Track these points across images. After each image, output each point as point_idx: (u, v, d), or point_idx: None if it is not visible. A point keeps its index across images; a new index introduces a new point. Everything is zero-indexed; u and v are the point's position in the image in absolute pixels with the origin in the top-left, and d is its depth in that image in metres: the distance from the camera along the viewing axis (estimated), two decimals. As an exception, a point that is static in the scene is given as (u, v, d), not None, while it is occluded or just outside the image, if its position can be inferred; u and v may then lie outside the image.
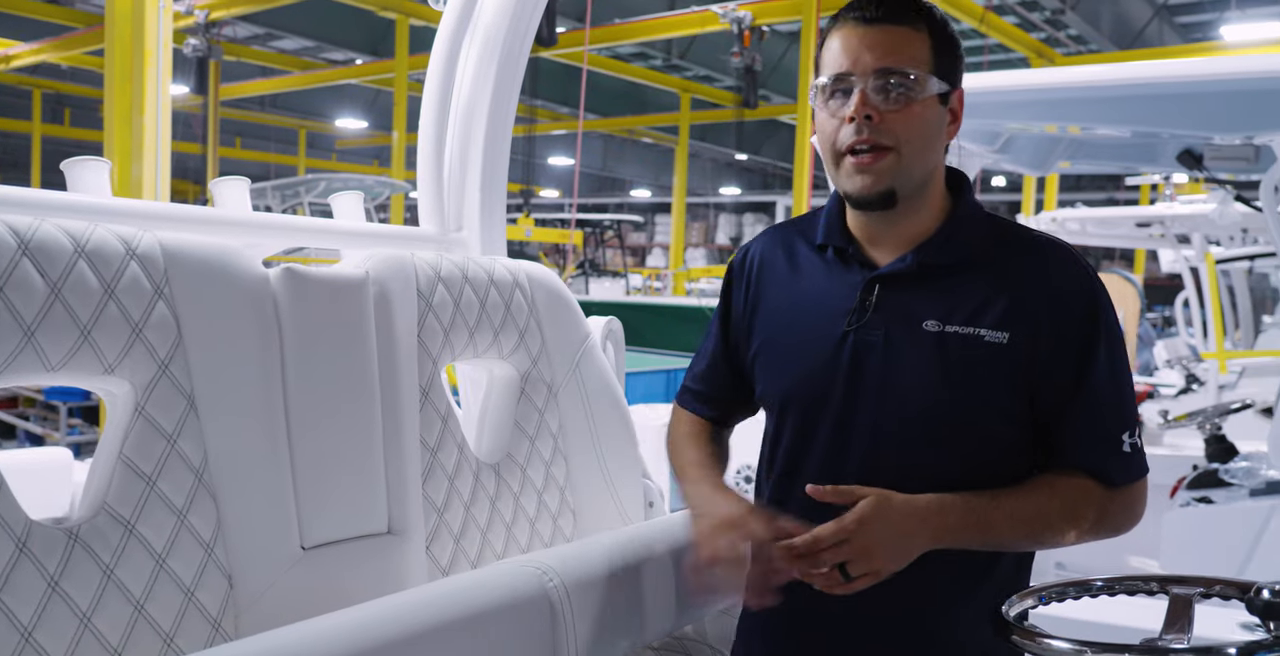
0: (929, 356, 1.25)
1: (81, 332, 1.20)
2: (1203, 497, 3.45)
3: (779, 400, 1.37)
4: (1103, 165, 4.50)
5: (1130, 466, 1.28)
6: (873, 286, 1.29)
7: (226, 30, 15.91)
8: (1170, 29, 17.01)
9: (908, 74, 1.22)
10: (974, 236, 1.29)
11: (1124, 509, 1.28)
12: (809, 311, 1.33)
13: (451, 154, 1.99)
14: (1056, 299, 1.25)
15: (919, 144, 1.24)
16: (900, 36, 1.23)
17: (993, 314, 1.24)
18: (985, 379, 1.24)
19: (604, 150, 28.50)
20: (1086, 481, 1.26)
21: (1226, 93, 3.05)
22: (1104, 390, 1.26)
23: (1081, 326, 1.25)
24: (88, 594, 1.17)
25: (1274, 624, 1.02)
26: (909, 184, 1.26)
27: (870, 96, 1.22)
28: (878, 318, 1.28)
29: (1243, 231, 6.51)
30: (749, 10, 12.33)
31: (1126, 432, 1.27)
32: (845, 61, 1.23)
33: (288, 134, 25.91)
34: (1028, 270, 1.26)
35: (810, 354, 1.32)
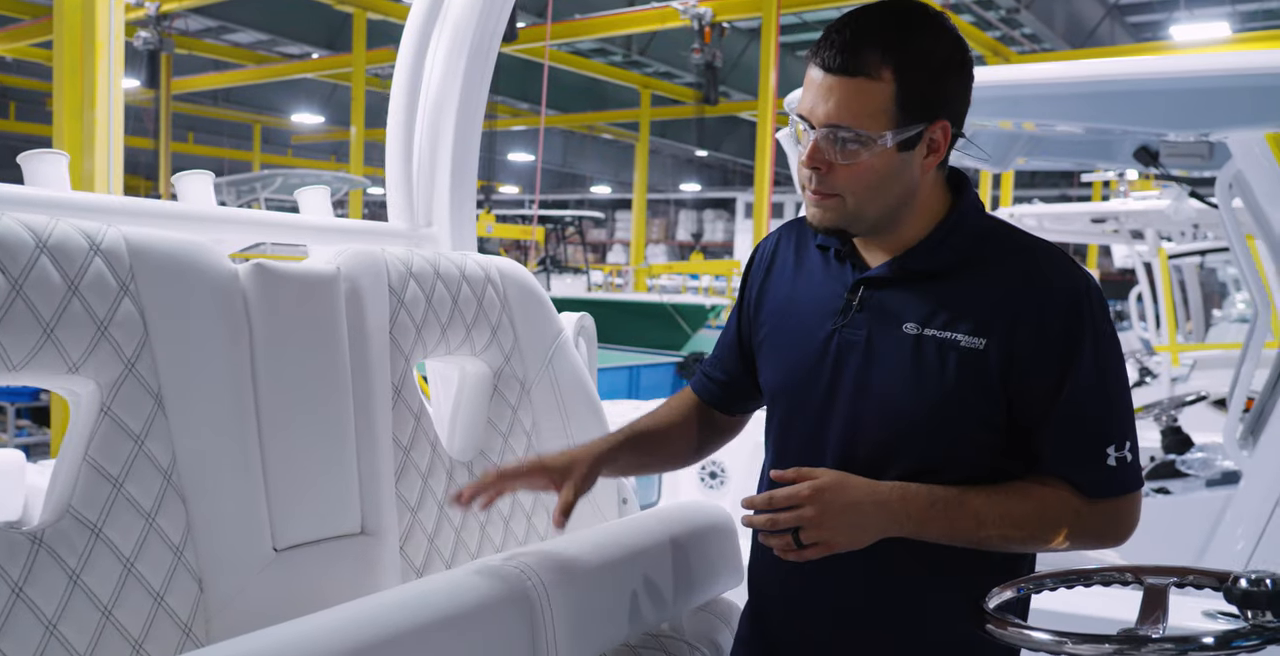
0: (906, 358, 1.26)
1: (44, 331, 1.17)
2: (1160, 488, 3.51)
3: (771, 390, 1.42)
4: (1060, 161, 4.56)
5: (1113, 480, 1.25)
6: (859, 288, 1.31)
7: (178, 23, 15.60)
8: (1121, 28, 17.33)
9: (854, 133, 1.19)
10: (964, 242, 1.29)
11: (1109, 521, 1.27)
12: (804, 307, 1.37)
13: (420, 148, 1.96)
14: (1039, 302, 1.23)
15: (866, 194, 1.24)
16: (856, 90, 1.18)
17: (972, 319, 1.24)
18: (960, 383, 1.24)
19: (564, 146, 28.41)
20: (1063, 490, 1.25)
21: (1182, 90, 3.10)
22: (1087, 397, 1.23)
23: (1064, 330, 1.23)
24: (53, 600, 1.13)
25: (1252, 612, 1.03)
26: (861, 224, 1.27)
27: (820, 147, 1.22)
28: (861, 318, 1.30)
29: (1194, 227, 6.65)
30: (709, 7, 12.35)
31: (1112, 446, 1.24)
32: (805, 104, 1.23)
33: (242, 129, 25.51)
34: (1014, 274, 1.25)
35: (800, 349, 1.35)
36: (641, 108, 19.73)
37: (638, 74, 19.63)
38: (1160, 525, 3.49)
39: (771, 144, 11.01)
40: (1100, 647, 1.08)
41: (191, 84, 19.28)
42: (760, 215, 11.24)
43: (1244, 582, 1.03)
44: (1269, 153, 2.99)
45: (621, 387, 8.95)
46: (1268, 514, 2.94)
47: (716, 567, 1.68)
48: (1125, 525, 1.28)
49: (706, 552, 1.66)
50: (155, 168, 16.24)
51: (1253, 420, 3.44)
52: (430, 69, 1.95)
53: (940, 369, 1.24)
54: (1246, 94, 3.02)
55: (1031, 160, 4.28)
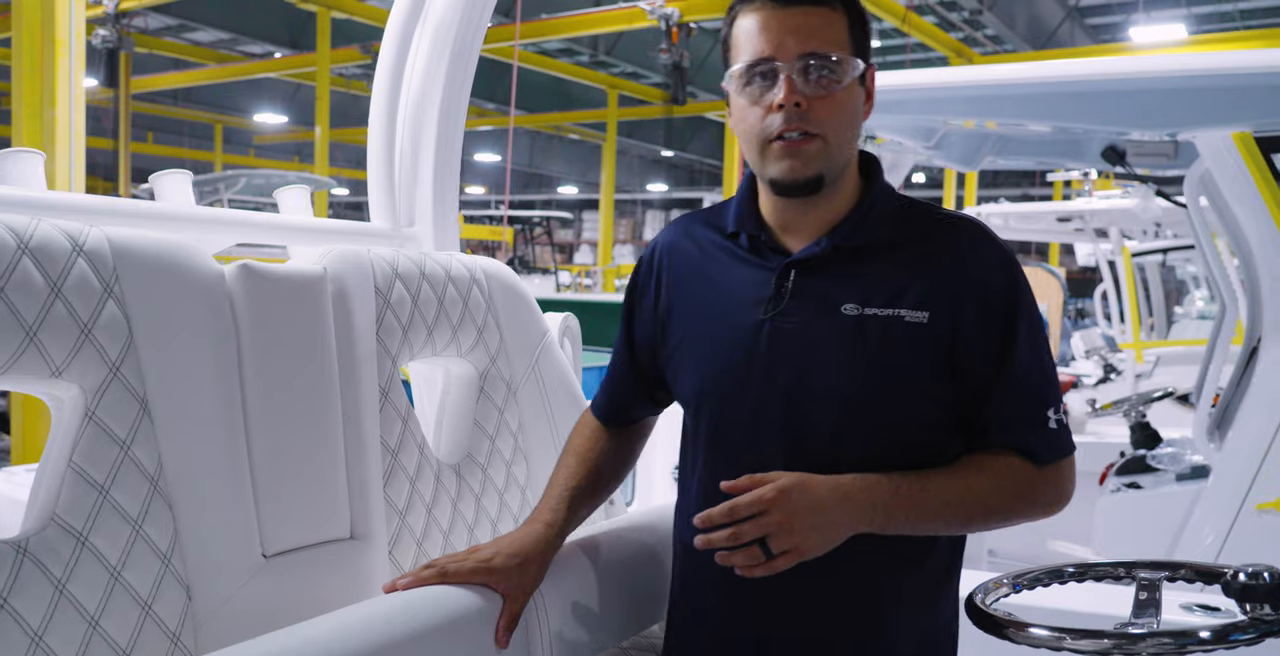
0: (850, 341, 1.21)
1: (27, 334, 1.13)
2: (1131, 483, 3.56)
3: (696, 395, 1.32)
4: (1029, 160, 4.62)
5: (1056, 443, 1.25)
6: (788, 272, 1.25)
7: (137, 21, 15.35)
8: (1081, 30, 17.61)
9: (832, 58, 1.18)
10: (887, 218, 1.27)
11: (1053, 487, 1.25)
12: (723, 303, 1.29)
13: (402, 147, 1.94)
14: (977, 277, 1.22)
15: (845, 131, 1.22)
16: (820, 18, 1.19)
17: (912, 294, 1.21)
18: (908, 360, 1.21)
19: (530, 147, 28.33)
20: (1013, 459, 1.23)
21: (1151, 91, 3.15)
22: (1027, 367, 1.23)
23: (1003, 304, 1.23)
24: (39, 611, 1.10)
25: (1250, 605, 1.04)
26: (834, 169, 1.23)
27: (797, 83, 1.18)
28: (795, 304, 1.24)
29: (1156, 226, 6.76)
30: (676, 7, 12.36)
31: (1051, 409, 1.24)
32: (766, 46, 1.19)
33: (203, 129, 25.16)
34: (944, 249, 1.24)
35: (727, 346, 1.27)
36: (608, 108, 19.72)
37: (604, 74, 19.62)
38: (1132, 519, 3.55)
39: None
40: (1099, 643, 1.09)
41: (151, 83, 18.98)
42: (729, 215, 11.26)
43: (1242, 576, 1.05)
44: (1236, 152, 3.04)
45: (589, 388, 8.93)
46: (1236, 507, 2.99)
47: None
48: (1067, 490, 1.27)
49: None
50: (114, 168, 15.98)
51: (1219, 415, 3.51)
52: (411, 68, 1.93)
53: (887, 347, 1.20)
54: (1213, 94, 3.08)
55: (999, 159, 4.34)
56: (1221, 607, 1.99)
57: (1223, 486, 3.04)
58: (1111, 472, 3.76)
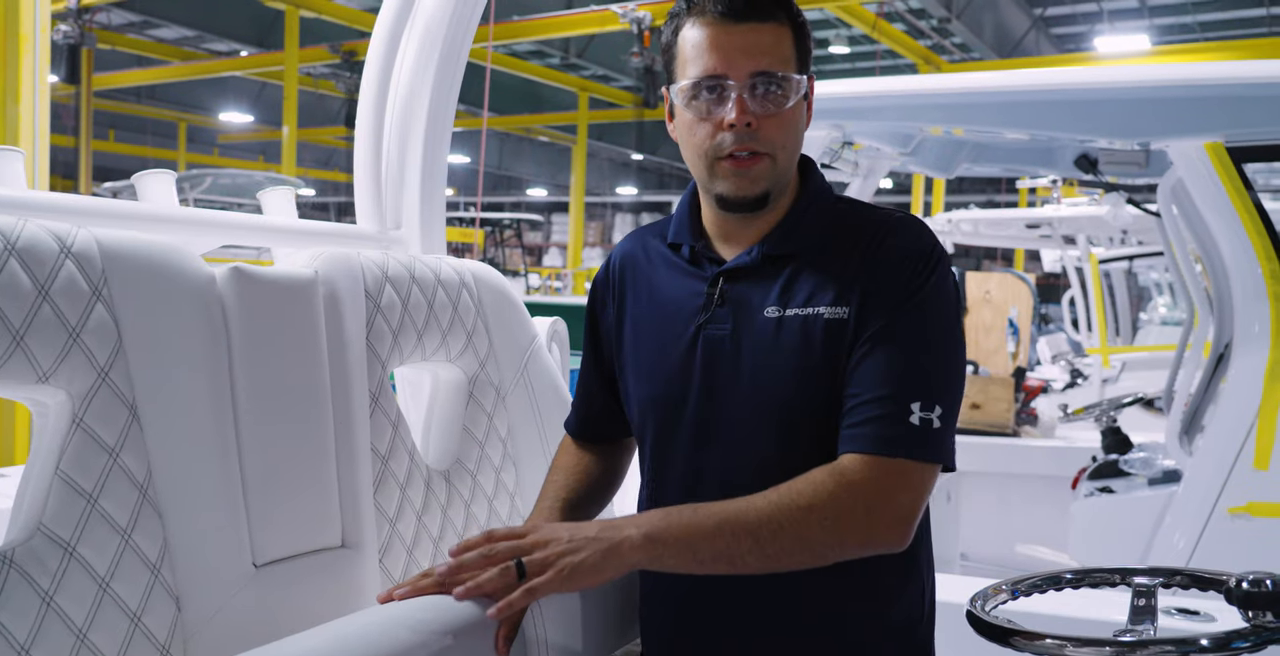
0: (771, 342, 1.21)
1: (14, 338, 1.10)
2: (1104, 487, 3.60)
3: (640, 406, 1.33)
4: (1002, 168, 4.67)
5: (908, 439, 1.12)
6: (718, 281, 1.26)
7: (100, 17, 15.11)
8: (1046, 39, 17.87)
9: (781, 77, 1.18)
10: (820, 222, 1.26)
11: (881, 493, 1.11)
12: (664, 313, 1.30)
13: (389, 150, 1.92)
14: (886, 266, 1.20)
15: (791, 147, 1.23)
16: (769, 35, 1.18)
17: (830, 292, 1.20)
18: (830, 358, 1.18)
19: (500, 148, 28.22)
20: (829, 465, 1.14)
21: (1124, 100, 3.20)
22: (904, 345, 1.15)
23: (898, 284, 1.18)
24: (25, 624, 1.07)
25: (1253, 613, 1.05)
26: (780, 185, 1.24)
27: (746, 103, 1.17)
28: (724, 312, 1.24)
29: (1123, 233, 6.86)
30: (649, 11, 12.37)
31: (918, 402, 1.13)
32: (717, 63, 1.18)
33: (166, 127, 24.80)
34: (866, 244, 1.22)
35: (667, 355, 1.28)
36: (579, 110, 19.70)
37: (575, 77, 19.59)
38: (1105, 524, 3.59)
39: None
40: (1101, 650, 1.09)
41: (114, 80, 18.68)
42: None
43: (1245, 584, 1.05)
44: (1208, 161, 3.09)
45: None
46: (1208, 511, 3.04)
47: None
48: (897, 505, 1.12)
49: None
50: (75, 167, 15.70)
51: (1187, 420, 3.56)
52: (399, 69, 1.91)
53: (806, 344, 1.19)
54: (1185, 104, 3.13)
55: (974, 166, 4.39)
56: (1201, 611, 2.02)
57: (1194, 490, 3.09)
58: (1084, 477, 3.80)
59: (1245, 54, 11.80)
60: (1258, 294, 3.02)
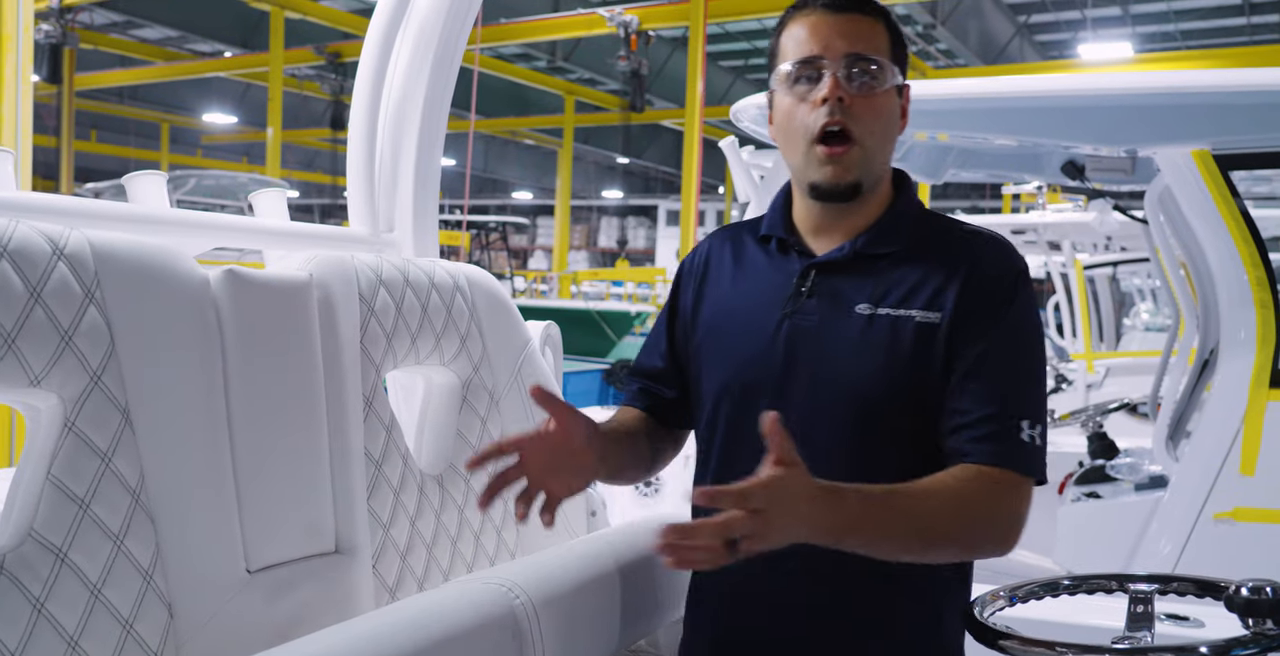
0: (860, 339, 1.26)
1: (5, 341, 1.08)
2: (1091, 493, 3.62)
3: (715, 390, 1.37)
4: (989, 174, 4.69)
5: (1022, 455, 1.20)
6: (809, 273, 1.32)
7: (83, 16, 14.98)
8: (1030, 46, 18.00)
9: (875, 62, 1.26)
10: (910, 227, 1.33)
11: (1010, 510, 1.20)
12: (749, 302, 1.35)
13: (382, 152, 1.90)
14: (980, 282, 1.26)
15: (881, 136, 1.29)
16: (866, 26, 1.28)
17: (924, 296, 1.26)
18: (917, 360, 1.24)
19: (485, 151, 28.16)
20: (972, 469, 1.20)
21: (1113, 108, 3.22)
22: (1001, 367, 1.22)
23: (996, 305, 1.25)
24: (16, 631, 1.05)
25: (1253, 620, 1.05)
26: (871, 177, 1.30)
27: (841, 81, 1.25)
28: (812, 303, 1.30)
29: (1108, 239, 6.91)
30: (635, 14, 12.38)
31: (1026, 421, 1.21)
32: (815, 46, 1.27)
33: (149, 128, 24.61)
34: (959, 257, 1.28)
35: (748, 342, 1.33)
36: (565, 114, 19.68)
37: (562, 80, 19.58)
38: (1091, 529, 3.61)
39: (699, 151, 11.07)
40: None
41: (96, 80, 18.52)
42: (687, 222, 11.30)
43: (1245, 591, 1.06)
44: (1195, 169, 3.11)
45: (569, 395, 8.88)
46: (1194, 517, 3.06)
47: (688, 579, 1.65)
48: (1021, 519, 1.20)
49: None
50: (56, 167, 15.56)
51: (1173, 426, 3.58)
52: (393, 71, 1.89)
53: (895, 345, 1.24)
54: (1173, 112, 3.15)
55: (961, 172, 4.41)
56: (1191, 617, 2.03)
57: (1180, 496, 3.11)
58: (1071, 482, 3.82)
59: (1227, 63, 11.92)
60: (1243, 300, 3.04)
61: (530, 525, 1.78)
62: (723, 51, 18.89)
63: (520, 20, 14.21)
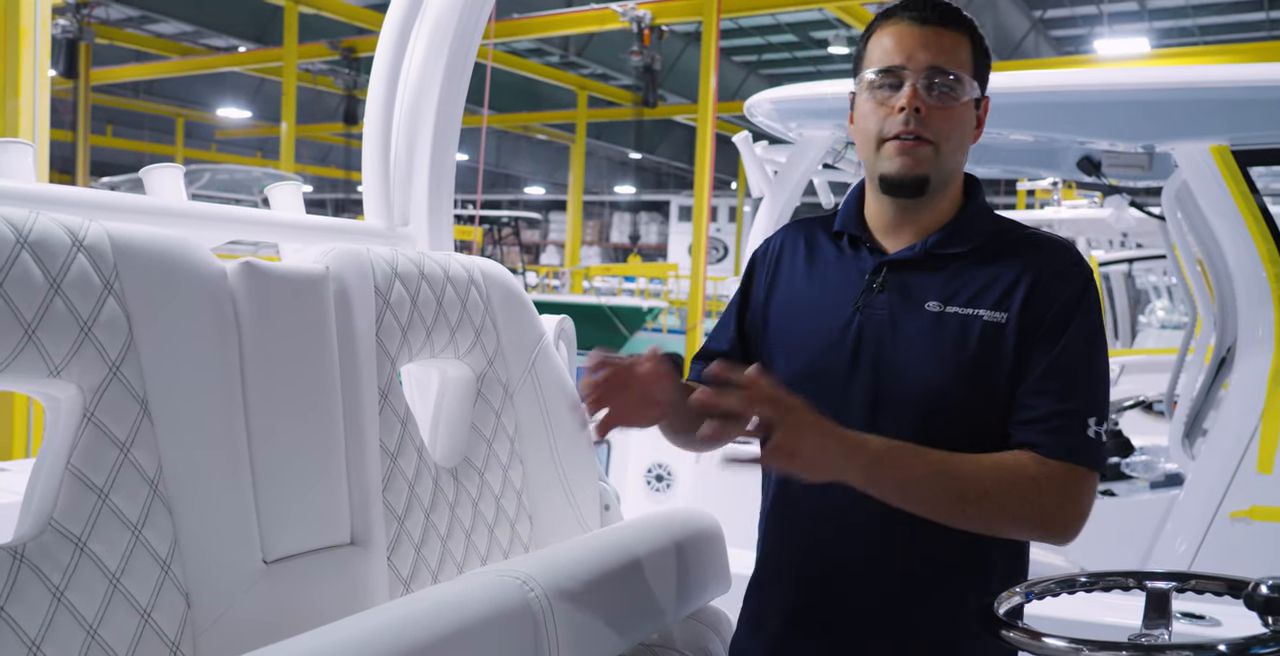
0: (929, 334, 1.31)
1: (25, 331, 1.09)
2: (1106, 491, 3.60)
3: (788, 378, 1.37)
4: (1005, 170, 4.67)
5: (1088, 450, 1.27)
6: (880, 270, 1.37)
7: (99, 11, 15.05)
8: (1046, 42, 17.89)
9: (954, 75, 1.31)
10: (980, 230, 1.38)
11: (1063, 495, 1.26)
12: (821, 295, 1.41)
13: (398, 146, 1.90)
14: (1048, 285, 1.31)
15: (955, 142, 1.34)
16: (950, 40, 1.32)
17: (991, 296, 1.31)
18: (983, 358, 1.30)
19: (498, 146, 28.20)
20: (1027, 455, 1.27)
21: (1130, 103, 3.20)
22: (1072, 366, 1.29)
23: (1067, 309, 1.31)
24: (36, 619, 1.06)
25: (1273, 619, 1.04)
26: (940, 175, 1.34)
27: (920, 91, 1.30)
28: (883, 298, 1.35)
29: (1123, 236, 6.86)
30: (649, 9, 12.36)
31: (1094, 418, 1.28)
32: (899, 56, 1.31)
33: (164, 122, 24.73)
34: (1026, 260, 1.33)
35: (820, 334, 1.38)
36: (578, 109, 19.68)
37: (574, 75, 19.57)
38: (1106, 527, 3.58)
39: (711, 147, 11.05)
40: (1116, 654, 1.09)
41: (112, 75, 18.62)
42: (700, 217, 11.28)
43: (1264, 588, 1.05)
44: (1213, 165, 3.09)
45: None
46: (1210, 515, 3.04)
47: (705, 575, 1.66)
48: (1079, 506, 1.27)
49: (695, 560, 1.64)
50: (72, 161, 15.65)
51: (1189, 424, 3.56)
52: (409, 65, 1.90)
53: (963, 343, 1.30)
54: (1191, 107, 3.12)
55: (976, 168, 4.38)
56: (1207, 616, 2.02)
57: (1196, 494, 3.09)
58: (1085, 479, 3.80)
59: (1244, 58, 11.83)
60: (1262, 298, 3.02)
61: (541, 517, 1.79)
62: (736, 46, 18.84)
63: (533, 15, 14.21)
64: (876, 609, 1.36)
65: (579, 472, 1.84)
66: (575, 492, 1.83)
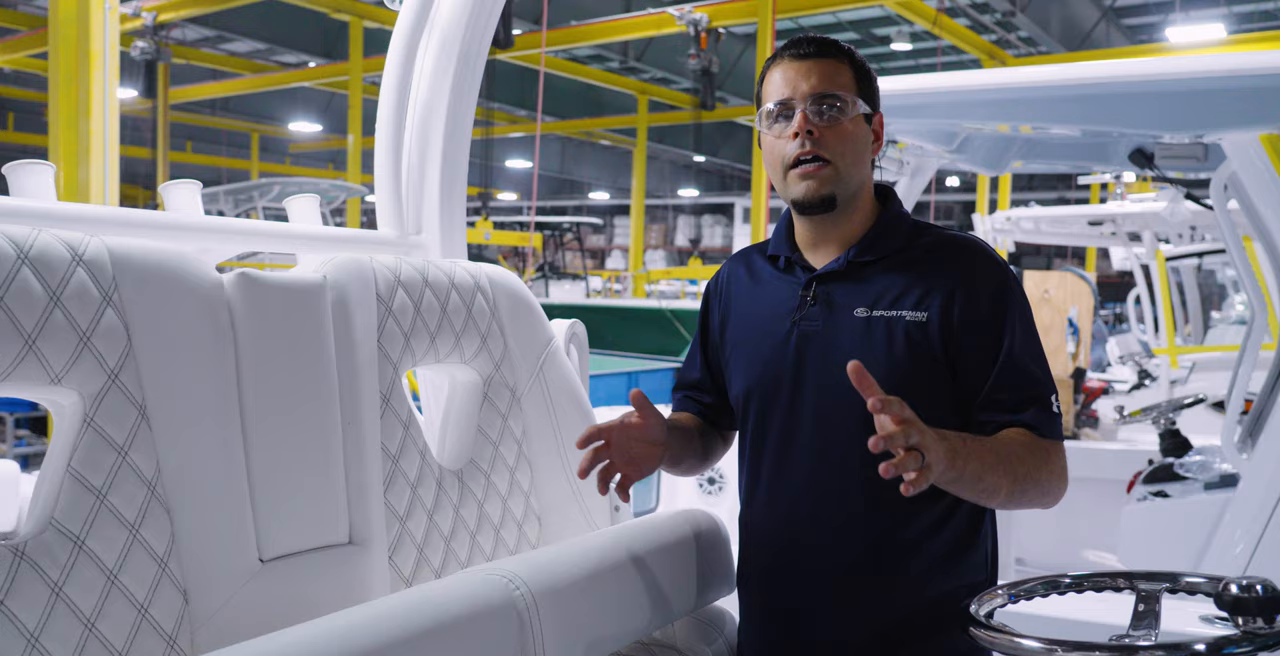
0: (860, 338, 1.44)
1: (26, 342, 1.16)
2: (1159, 492, 3.50)
3: (743, 394, 1.56)
4: (1056, 164, 4.56)
5: (1055, 424, 1.42)
6: (810, 285, 1.50)
7: (175, 32, 15.63)
8: (1117, 30, 17.36)
9: (838, 96, 1.44)
10: (897, 236, 1.50)
11: (1058, 468, 1.41)
12: (764, 314, 1.54)
13: (409, 156, 1.96)
14: (967, 283, 1.43)
15: (850, 156, 1.46)
16: (829, 68, 1.45)
17: (912, 298, 1.44)
18: (911, 355, 1.42)
19: (562, 152, 28.44)
20: (1027, 433, 1.40)
21: (1177, 92, 3.10)
22: (1025, 355, 1.43)
23: (995, 303, 1.43)
24: (35, 613, 1.12)
25: (1242, 619, 1.02)
26: (845, 190, 1.46)
27: (809, 116, 1.43)
28: (816, 310, 1.48)
29: (1191, 229, 6.64)
30: (705, 12, 12.36)
31: (1052, 395, 1.43)
32: (786, 90, 1.45)
33: (240, 137, 25.53)
34: (943, 261, 1.46)
35: (765, 349, 1.52)
36: (639, 113, 19.74)
37: (634, 80, 19.65)
38: (1158, 529, 3.48)
39: (768, 149, 10.99)
40: (1092, 655, 1.07)
41: (189, 93, 19.29)
42: (758, 219, 11.24)
43: (1234, 588, 1.02)
44: (1263, 154, 2.99)
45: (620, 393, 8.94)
46: (1266, 517, 2.92)
47: (707, 575, 1.66)
48: (1065, 475, 1.42)
49: (697, 560, 1.65)
50: (153, 177, 16.25)
51: (1251, 422, 3.43)
52: (419, 75, 1.95)
53: (890, 342, 1.42)
54: (1239, 95, 3.02)
55: (1028, 163, 4.28)
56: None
57: (1252, 495, 2.98)
58: (1139, 481, 3.69)
59: (1328, 41, 11.33)
60: (1317, 290, 2.90)
61: (550, 518, 1.82)
62: (797, 46, 18.67)
63: (591, 22, 14.31)
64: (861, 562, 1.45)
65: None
66: (584, 494, 1.85)
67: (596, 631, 1.42)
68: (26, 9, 16.27)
